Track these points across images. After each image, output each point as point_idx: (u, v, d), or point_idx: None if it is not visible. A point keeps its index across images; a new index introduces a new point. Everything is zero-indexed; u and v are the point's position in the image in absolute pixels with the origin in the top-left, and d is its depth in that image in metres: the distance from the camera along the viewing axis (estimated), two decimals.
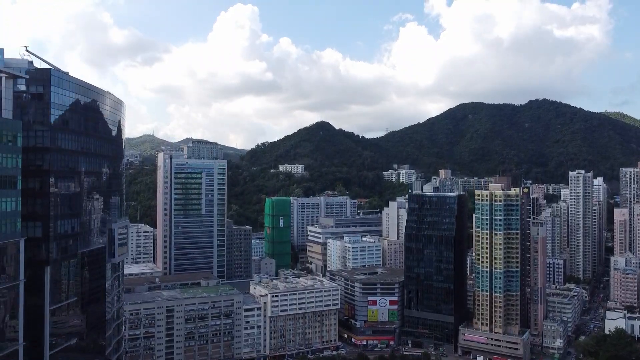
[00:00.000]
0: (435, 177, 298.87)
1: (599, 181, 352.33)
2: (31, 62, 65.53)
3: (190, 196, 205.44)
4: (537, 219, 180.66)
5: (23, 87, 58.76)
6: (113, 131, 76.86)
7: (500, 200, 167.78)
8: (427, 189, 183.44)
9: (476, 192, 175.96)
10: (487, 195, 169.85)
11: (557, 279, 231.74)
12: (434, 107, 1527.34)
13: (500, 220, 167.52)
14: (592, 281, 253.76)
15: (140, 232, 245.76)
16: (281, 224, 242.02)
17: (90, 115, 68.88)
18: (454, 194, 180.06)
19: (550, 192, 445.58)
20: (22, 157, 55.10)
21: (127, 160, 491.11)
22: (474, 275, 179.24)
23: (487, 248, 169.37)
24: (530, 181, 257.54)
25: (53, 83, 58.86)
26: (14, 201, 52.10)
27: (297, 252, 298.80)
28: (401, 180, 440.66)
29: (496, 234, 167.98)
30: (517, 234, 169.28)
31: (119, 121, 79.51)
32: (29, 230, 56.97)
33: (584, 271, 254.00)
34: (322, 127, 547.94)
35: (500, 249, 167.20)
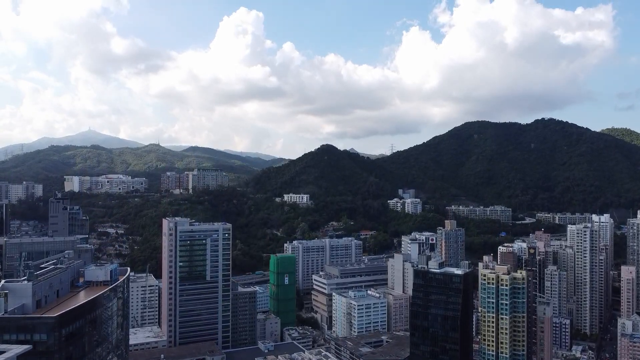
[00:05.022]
0: (440, 227, 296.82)
1: (605, 218, 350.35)
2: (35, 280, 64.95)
3: (195, 263, 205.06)
4: (543, 297, 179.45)
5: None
6: (117, 318, 76.70)
7: (506, 285, 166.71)
8: (433, 265, 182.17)
9: (481, 272, 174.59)
10: (493, 279, 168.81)
11: (564, 339, 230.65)
12: (438, 112, 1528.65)
13: (506, 304, 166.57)
14: (599, 337, 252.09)
15: (145, 287, 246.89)
16: (286, 281, 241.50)
17: (95, 323, 68.65)
18: (460, 272, 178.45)
19: (557, 221, 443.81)
20: None
21: (132, 187, 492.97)
22: (479, 337, 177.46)
23: (493, 331, 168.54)
24: (535, 242, 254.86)
25: (55, 329, 58.53)
26: None
27: (302, 296, 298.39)
28: (406, 210, 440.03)
29: (502, 318, 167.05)
30: (523, 317, 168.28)
31: (125, 298, 79.24)
32: None
33: (591, 326, 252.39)
34: (327, 151, 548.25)
35: (506, 333, 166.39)
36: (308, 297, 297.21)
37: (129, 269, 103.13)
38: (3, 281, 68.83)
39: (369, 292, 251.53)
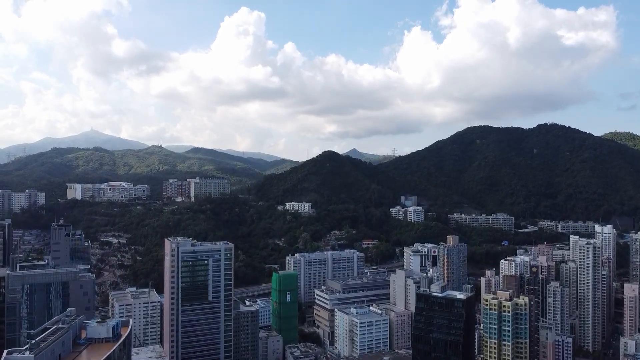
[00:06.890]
0: (442, 242, 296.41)
1: (608, 229, 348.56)
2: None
3: (197, 284, 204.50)
4: (546, 322, 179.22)
5: None
6: None
7: (508, 311, 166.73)
8: (435, 288, 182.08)
9: (484, 297, 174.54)
10: (495, 305, 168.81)
11: (566, 358, 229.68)
12: (440, 112, 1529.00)
13: (508, 330, 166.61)
14: (601, 353, 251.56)
15: (147, 303, 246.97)
16: (288, 299, 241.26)
17: None
18: (462, 296, 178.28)
19: (559, 230, 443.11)
20: None
21: (135, 195, 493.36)
22: (480, 357, 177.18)
23: (495, 357, 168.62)
24: (538, 259, 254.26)
25: None
26: None
27: (304, 309, 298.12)
28: (408, 219, 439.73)
29: (504, 345, 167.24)
30: (525, 343, 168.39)
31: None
32: None
33: (594, 342, 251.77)
34: (329, 158, 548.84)
35: (508, 359, 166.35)
36: (310, 310, 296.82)
37: (130, 320, 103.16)
38: (5, 352, 68.61)
39: (371, 308, 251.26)
